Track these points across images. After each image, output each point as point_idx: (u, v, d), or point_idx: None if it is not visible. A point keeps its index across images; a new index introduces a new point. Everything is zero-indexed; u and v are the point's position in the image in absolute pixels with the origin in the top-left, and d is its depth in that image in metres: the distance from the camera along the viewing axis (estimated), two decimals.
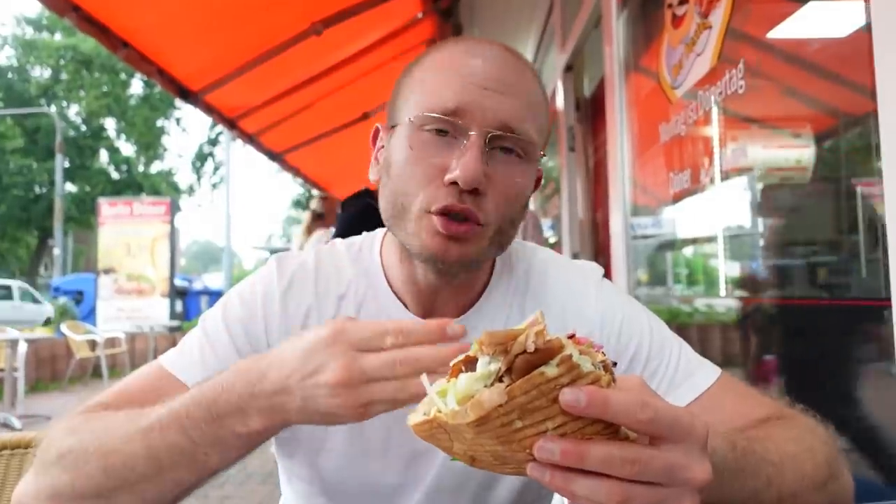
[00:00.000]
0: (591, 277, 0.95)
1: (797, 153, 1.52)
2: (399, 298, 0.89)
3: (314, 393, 0.62)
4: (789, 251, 1.64)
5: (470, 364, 0.51)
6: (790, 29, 1.45)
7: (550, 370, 0.46)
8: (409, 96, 0.82)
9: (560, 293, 0.92)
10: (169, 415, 0.67)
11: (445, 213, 0.77)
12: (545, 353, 0.46)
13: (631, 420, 0.47)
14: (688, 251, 2.50)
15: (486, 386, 0.47)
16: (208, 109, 4.20)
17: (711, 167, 1.77)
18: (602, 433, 0.48)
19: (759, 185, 1.65)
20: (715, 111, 1.71)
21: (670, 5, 1.99)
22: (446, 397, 0.50)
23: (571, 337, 0.51)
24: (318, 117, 5.12)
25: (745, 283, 1.88)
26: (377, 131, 0.91)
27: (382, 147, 0.88)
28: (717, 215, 1.85)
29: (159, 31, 3.31)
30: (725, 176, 1.72)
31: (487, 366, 0.48)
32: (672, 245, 2.47)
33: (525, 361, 0.47)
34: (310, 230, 4.77)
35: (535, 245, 1.00)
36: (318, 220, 4.88)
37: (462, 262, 0.80)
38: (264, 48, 3.79)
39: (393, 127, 0.84)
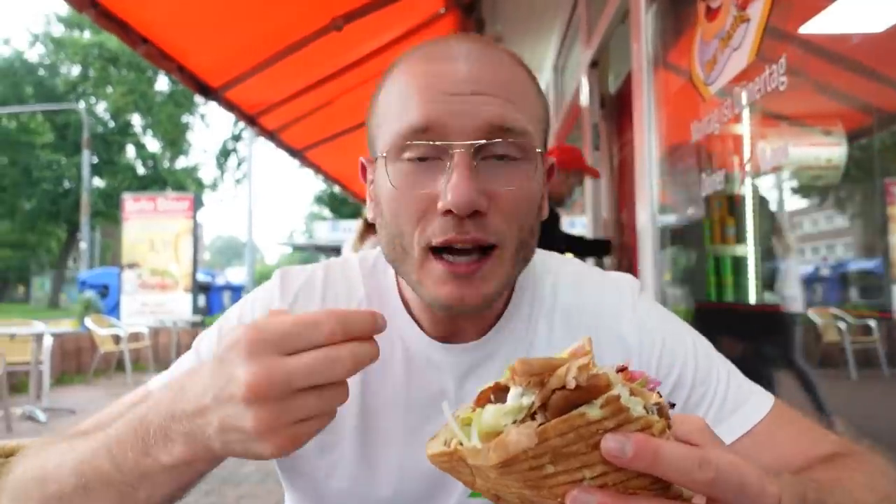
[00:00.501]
0: (628, 292, 0.85)
1: (838, 151, 1.42)
2: (415, 319, 0.81)
3: (228, 412, 0.50)
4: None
5: (500, 393, 0.44)
6: (837, 22, 1.35)
7: (593, 412, 0.38)
8: (380, 126, 0.73)
9: (592, 310, 0.83)
10: (102, 439, 0.59)
11: (449, 246, 0.67)
12: (590, 391, 0.39)
13: (686, 479, 0.39)
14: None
15: (515, 422, 0.40)
16: (229, 106, 4.17)
17: (747, 167, 1.67)
18: (650, 488, 0.41)
19: (798, 186, 1.55)
20: (753, 109, 1.61)
21: None
22: (470, 428, 0.43)
23: (622, 370, 0.43)
24: (338, 114, 5.07)
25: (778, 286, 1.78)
26: (363, 165, 0.82)
27: (372, 181, 0.78)
28: (754, 217, 1.75)
29: (178, 27, 3.27)
30: (763, 177, 1.62)
31: (519, 398, 0.41)
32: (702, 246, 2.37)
33: (563, 398, 0.39)
34: (363, 238, 4.71)
35: (560, 256, 0.91)
36: (371, 228, 4.84)
37: (483, 304, 0.70)
38: (284, 44, 3.74)
39: (374, 160, 0.75)
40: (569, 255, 0.93)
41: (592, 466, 0.39)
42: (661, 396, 0.43)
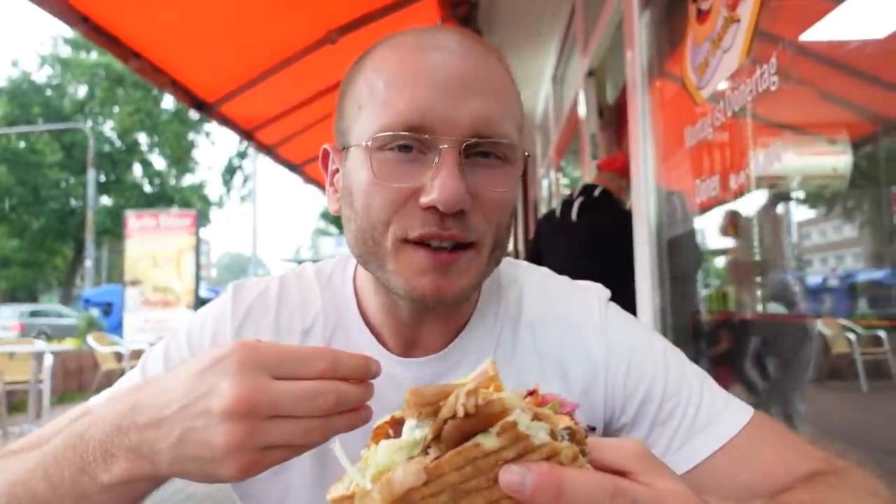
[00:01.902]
0: (595, 303, 0.80)
1: (843, 158, 1.37)
2: (374, 332, 0.77)
3: (195, 425, 0.48)
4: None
5: (399, 426, 0.40)
6: (827, 20, 1.31)
7: (489, 441, 0.34)
8: (360, 110, 0.69)
9: (558, 323, 0.78)
10: (39, 457, 0.55)
11: (426, 241, 0.64)
12: (485, 419, 0.35)
13: None
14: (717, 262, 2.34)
15: (410, 458, 0.36)
16: (224, 121, 4.16)
17: (744, 173, 1.62)
18: None
19: (794, 192, 1.50)
20: (744, 111, 1.56)
21: (695, 0, 1.85)
22: (366, 469, 0.38)
23: (532, 393, 0.39)
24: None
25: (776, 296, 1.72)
26: (326, 153, 0.78)
27: (337, 171, 0.75)
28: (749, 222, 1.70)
29: (171, 42, 3.27)
30: (758, 183, 1.57)
31: (413, 432, 0.37)
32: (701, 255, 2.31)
33: (456, 429, 0.35)
34: None
35: (528, 264, 0.87)
36: None
37: (459, 297, 0.67)
38: (279, 58, 3.73)
39: (345, 148, 0.71)
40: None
41: (497, 502, 0.35)
42: (574, 419, 0.38)
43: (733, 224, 1.98)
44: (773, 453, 0.68)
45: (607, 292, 0.82)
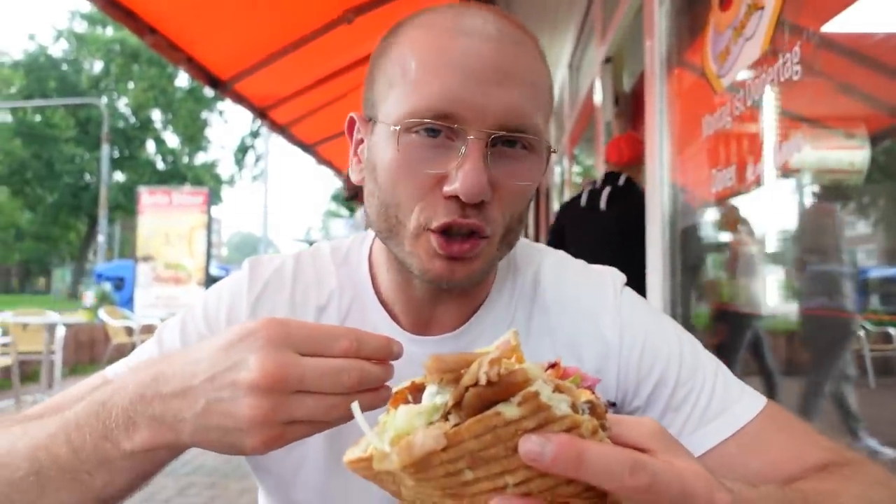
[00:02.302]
0: (610, 287, 0.80)
1: (860, 152, 1.35)
2: (388, 311, 0.77)
3: (221, 396, 0.49)
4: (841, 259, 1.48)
5: (417, 393, 0.41)
6: (850, 11, 1.28)
7: (510, 410, 0.34)
8: (390, 86, 0.68)
9: (572, 305, 0.78)
10: (60, 423, 0.56)
11: (447, 229, 0.65)
12: (507, 388, 0.35)
13: (617, 485, 0.34)
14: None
15: (429, 423, 0.36)
16: (238, 98, 4.16)
17: (762, 163, 1.60)
18: (583, 496, 0.36)
19: (810, 185, 1.48)
20: (766, 100, 1.54)
21: None
22: (384, 433, 0.39)
23: (553, 366, 0.39)
24: (350, 109, 5.04)
25: (794, 290, 1.71)
26: (352, 121, 0.77)
27: (362, 141, 0.74)
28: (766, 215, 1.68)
29: (187, 18, 3.26)
30: (774, 174, 1.55)
31: (433, 398, 0.38)
32: (716, 249, 2.30)
33: (477, 396, 0.35)
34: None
35: (545, 247, 0.87)
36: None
37: (470, 280, 0.68)
38: (295, 36, 3.72)
39: (372, 120, 0.71)
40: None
41: (515, 472, 0.35)
42: (595, 394, 0.38)
43: (733, 219, 1.98)
44: (784, 443, 0.68)
45: (623, 276, 0.82)
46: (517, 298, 0.79)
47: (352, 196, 4.92)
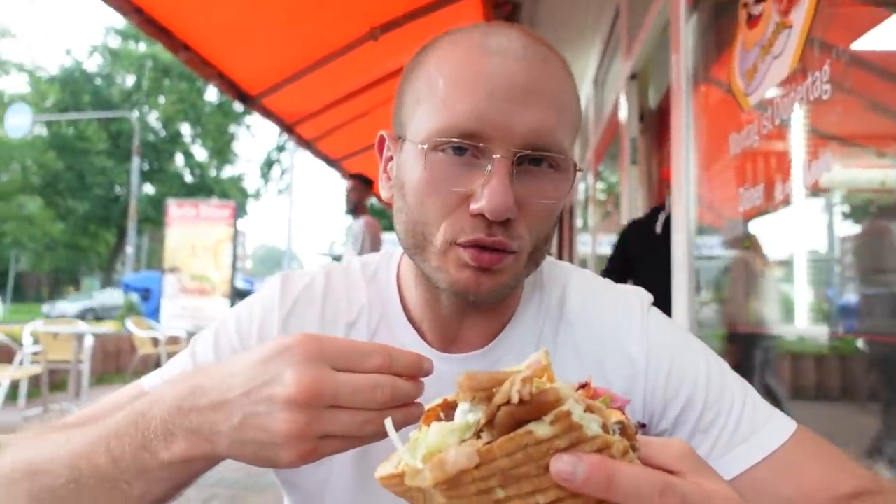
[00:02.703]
0: (637, 308, 0.79)
1: (883, 173, 1.33)
2: (416, 328, 0.78)
3: (258, 410, 0.50)
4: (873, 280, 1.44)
5: (449, 410, 0.41)
6: (880, 29, 1.27)
7: (541, 429, 0.35)
8: (418, 104, 0.69)
9: (599, 325, 0.78)
10: (100, 432, 0.57)
11: (474, 246, 0.66)
12: (539, 407, 0.35)
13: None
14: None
15: (461, 441, 0.37)
16: (266, 114, 4.23)
17: (788, 182, 1.58)
18: None
19: (840, 204, 1.46)
20: (794, 118, 1.53)
21: (745, 4, 1.81)
22: (416, 449, 0.39)
23: (584, 386, 0.39)
24: (375, 124, 5.10)
25: (824, 314, 1.68)
26: (382, 139, 0.78)
27: (391, 159, 0.76)
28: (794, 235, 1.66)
29: (219, 35, 3.34)
30: (806, 192, 1.53)
31: (466, 415, 0.38)
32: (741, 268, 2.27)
33: (509, 415, 0.36)
34: (360, 200, 4.89)
35: (571, 265, 0.87)
36: (364, 189, 4.93)
37: (496, 294, 0.69)
38: (322, 53, 3.78)
39: (401, 138, 0.72)
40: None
41: (546, 491, 0.35)
42: (625, 415, 0.38)
43: (750, 242, 1.95)
44: (816, 469, 0.67)
45: (650, 297, 0.82)
46: (543, 317, 0.79)
47: (352, 209, 4.99)
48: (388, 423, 0.43)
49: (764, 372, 2.02)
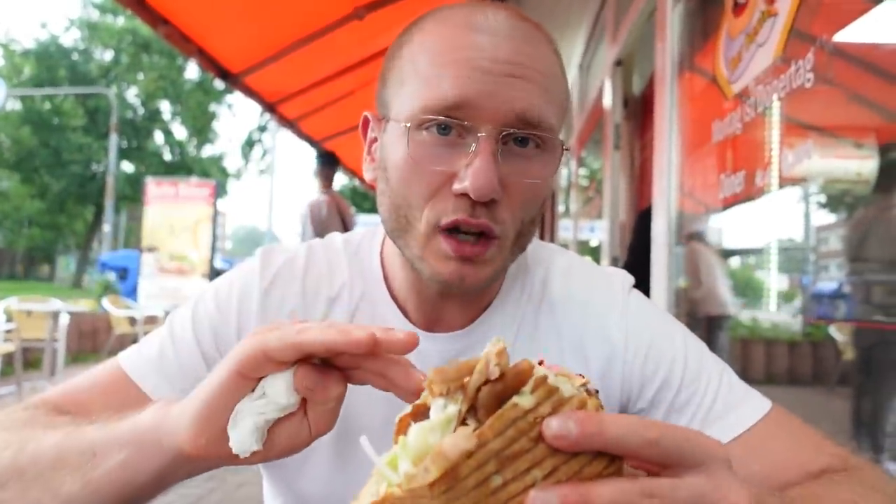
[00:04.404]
0: (618, 288, 0.80)
1: (859, 164, 1.35)
2: (399, 305, 0.78)
3: None
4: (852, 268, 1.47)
5: (420, 416, 0.40)
6: (864, 21, 1.28)
7: (524, 400, 0.35)
8: (402, 84, 0.68)
9: (580, 306, 0.79)
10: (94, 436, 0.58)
11: (456, 228, 0.64)
12: (516, 378, 0.36)
13: (637, 441, 0.36)
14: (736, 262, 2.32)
15: (445, 437, 0.36)
16: (248, 92, 4.17)
17: (769, 171, 1.59)
18: (602, 474, 0.37)
19: (817, 194, 1.48)
20: (776, 107, 1.54)
21: None
22: (397, 467, 0.38)
23: (540, 363, 0.39)
24: (359, 105, 5.05)
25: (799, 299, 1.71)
26: (366, 120, 0.77)
27: (375, 140, 0.74)
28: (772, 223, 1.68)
29: (200, 10, 3.27)
30: (783, 182, 1.55)
31: (443, 410, 0.38)
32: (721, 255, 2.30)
33: (491, 395, 0.36)
34: (326, 179, 4.82)
35: (555, 246, 0.87)
36: (331, 166, 4.87)
37: (480, 285, 0.68)
38: (306, 32, 3.73)
39: (385, 119, 0.71)
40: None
41: (542, 463, 0.36)
42: (585, 378, 0.39)
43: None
44: (788, 447, 0.68)
45: (631, 278, 0.83)
46: (526, 298, 0.79)
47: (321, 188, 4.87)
48: (364, 441, 0.41)
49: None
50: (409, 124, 0.64)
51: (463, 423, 0.37)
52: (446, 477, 0.34)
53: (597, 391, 0.41)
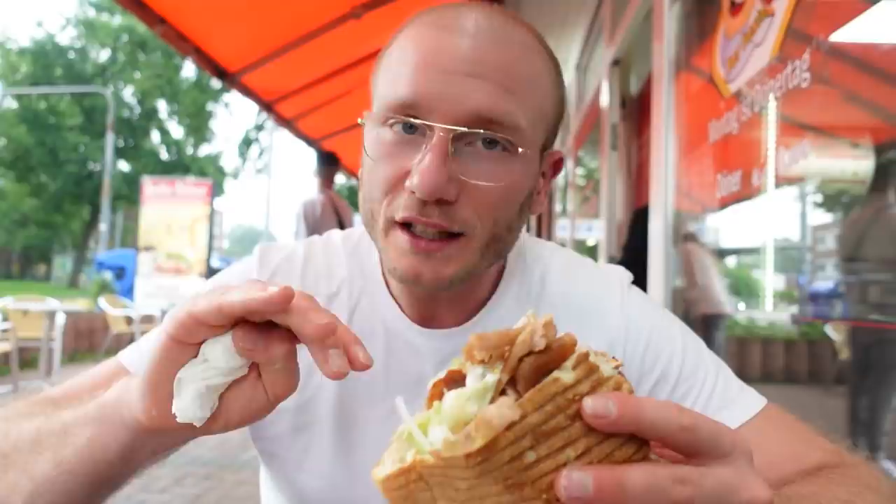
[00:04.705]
0: (617, 284, 0.81)
1: (856, 164, 1.35)
2: (397, 302, 0.78)
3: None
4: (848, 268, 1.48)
5: (453, 383, 0.39)
6: (860, 21, 1.29)
7: (566, 375, 0.35)
8: (377, 85, 0.69)
9: (579, 303, 0.79)
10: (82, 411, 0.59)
11: (409, 223, 0.64)
12: (559, 352, 0.35)
13: (672, 427, 0.36)
14: (733, 261, 2.33)
15: (481, 406, 0.35)
16: (245, 91, 4.16)
17: (766, 170, 1.60)
18: (632, 459, 0.37)
19: (814, 194, 1.49)
20: (772, 108, 1.54)
21: None
22: (427, 433, 0.37)
23: None
24: (356, 105, 5.05)
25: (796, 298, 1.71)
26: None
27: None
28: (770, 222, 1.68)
29: (196, 9, 3.26)
30: (780, 181, 1.55)
31: (482, 378, 0.36)
32: (718, 254, 2.31)
33: (533, 366, 0.35)
34: (327, 178, 4.82)
35: (554, 245, 0.87)
36: (331, 165, 4.87)
37: (439, 284, 0.65)
38: (303, 31, 3.72)
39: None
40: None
41: (575, 443, 0.35)
42: (616, 360, 0.39)
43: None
44: (782, 443, 0.69)
45: (629, 275, 0.83)
46: (524, 295, 0.80)
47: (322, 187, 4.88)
48: (399, 402, 0.39)
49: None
50: (372, 122, 0.66)
51: (502, 393, 0.36)
52: (486, 448, 0.33)
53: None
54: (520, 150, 0.64)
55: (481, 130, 0.62)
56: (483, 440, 0.33)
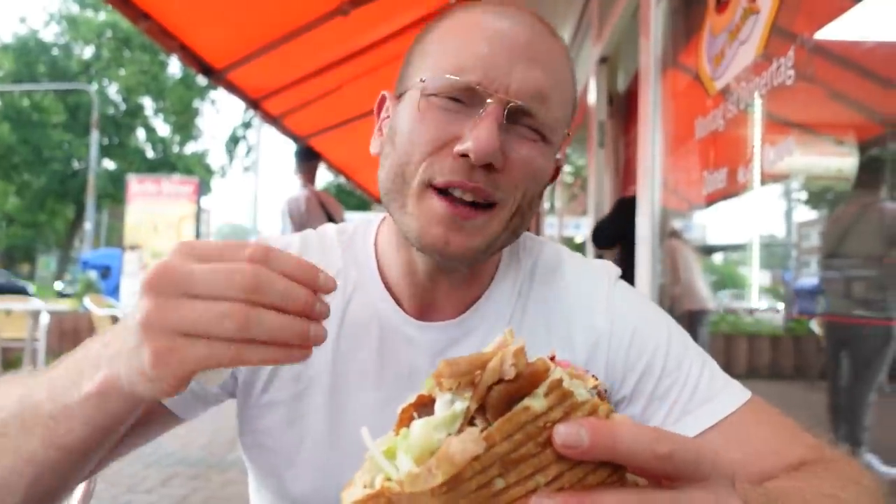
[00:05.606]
0: (604, 278, 0.82)
1: (840, 161, 1.37)
2: (392, 294, 0.78)
3: (128, 341, 0.49)
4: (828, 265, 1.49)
5: (424, 408, 0.38)
6: (843, 19, 1.30)
7: (537, 403, 0.34)
8: (423, 62, 0.72)
9: (567, 295, 0.80)
10: (49, 373, 0.59)
11: (450, 189, 0.66)
12: (530, 379, 0.34)
13: (647, 456, 0.35)
14: (718, 257, 2.34)
15: (450, 435, 0.35)
16: (231, 88, 4.13)
17: (751, 167, 1.61)
18: (605, 483, 0.36)
19: (799, 191, 1.50)
20: (757, 105, 1.55)
21: None
22: (395, 458, 0.36)
23: (551, 359, 0.38)
24: (344, 102, 5.03)
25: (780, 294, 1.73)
26: (383, 99, 0.80)
27: (388, 118, 0.77)
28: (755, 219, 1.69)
29: (181, 5, 3.23)
30: (765, 178, 1.57)
31: (450, 406, 0.36)
32: (704, 251, 2.32)
33: (503, 394, 0.34)
34: (308, 172, 4.80)
35: (544, 239, 0.89)
36: (310, 159, 4.84)
37: (466, 255, 0.68)
38: (290, 27, 3.69)
39: (401, 95, 0.74)
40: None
41: (546, 469, 0.34)
42: (597, 380, 0.38)
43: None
44: (765, 436, 0.69)
45: (617, 270, 0.84)
46: (518, 289, 0.81)
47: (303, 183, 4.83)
48: (365, 433, 0.39)
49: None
50: (425, 85, 0.68)
51: (470, 421, 0.35)
52: (450, 481, 0.33)
53: (605, 390, 0.40)
54: (552, 140, 0.71)
55: (533, 114, 0.67)
56: (444, 476, 0.32)
